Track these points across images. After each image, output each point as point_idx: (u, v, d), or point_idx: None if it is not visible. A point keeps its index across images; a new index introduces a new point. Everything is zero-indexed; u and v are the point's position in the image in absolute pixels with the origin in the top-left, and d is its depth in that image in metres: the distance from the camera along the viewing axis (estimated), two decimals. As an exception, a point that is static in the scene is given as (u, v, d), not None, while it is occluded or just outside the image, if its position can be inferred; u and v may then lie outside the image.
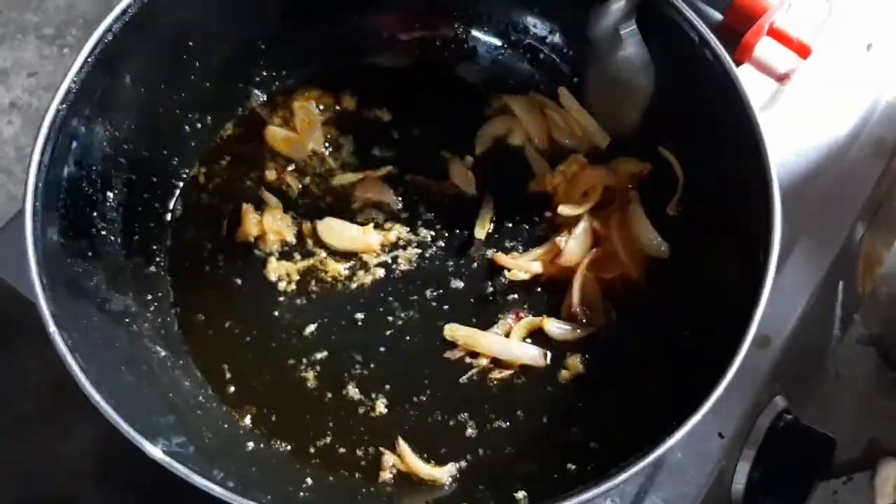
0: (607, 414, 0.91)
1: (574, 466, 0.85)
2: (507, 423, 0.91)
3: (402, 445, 0.88)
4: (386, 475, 0.87)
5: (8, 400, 1.47)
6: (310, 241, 0.99)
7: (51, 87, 1.82)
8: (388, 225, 1.00)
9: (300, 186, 1.03)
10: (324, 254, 0.99)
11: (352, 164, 1.05)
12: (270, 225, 0.99)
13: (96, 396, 0.73)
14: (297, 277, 0.98)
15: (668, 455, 0.93)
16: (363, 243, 0.99)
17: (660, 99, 0.99)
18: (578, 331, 0.95)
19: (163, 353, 0.91)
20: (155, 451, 0.72)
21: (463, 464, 0.89)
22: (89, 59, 0.86)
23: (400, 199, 1.02)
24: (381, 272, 0.98)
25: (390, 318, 0.96)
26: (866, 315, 1.58)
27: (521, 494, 0.81)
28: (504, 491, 0.84)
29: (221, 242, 0.99)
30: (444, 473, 0.88)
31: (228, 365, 0.93)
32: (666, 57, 0.96)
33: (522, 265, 0.97)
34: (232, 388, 0.92)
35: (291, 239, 0.99)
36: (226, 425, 0.89)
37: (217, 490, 0.70)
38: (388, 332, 0.95)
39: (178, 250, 0.98)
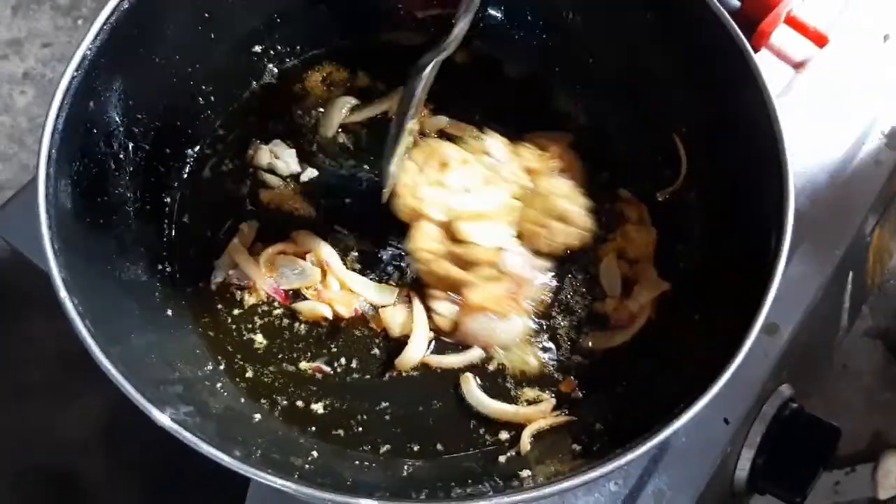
0: (613, 396, 0.91)
1: (579, 447, 0.85)
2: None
3: None
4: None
5: (14, 369, 1.48)
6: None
7: (65, 58, 1.82)
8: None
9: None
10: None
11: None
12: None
13: (106, 363, 0.73)
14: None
15: (672, 439, 0.94)
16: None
17: (676, 83, 0.98)
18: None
19: (172, 324, 0.91)
20: (163, 419, 0.72)
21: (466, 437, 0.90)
22: (105, 27, 0.86)
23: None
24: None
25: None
26: (875, 307, 1.58)
27: (525, 473, 0.81)
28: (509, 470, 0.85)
29: (231, 214, 0.99)
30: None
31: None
32: (684, 41, 0.96)
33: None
34: (239, 360, 0.92)
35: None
36: (233, 397, 0.89)
37: (225, 459, 0.70)
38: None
39: (189, 221, 0.99)
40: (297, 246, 0.97)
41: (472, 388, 0.91)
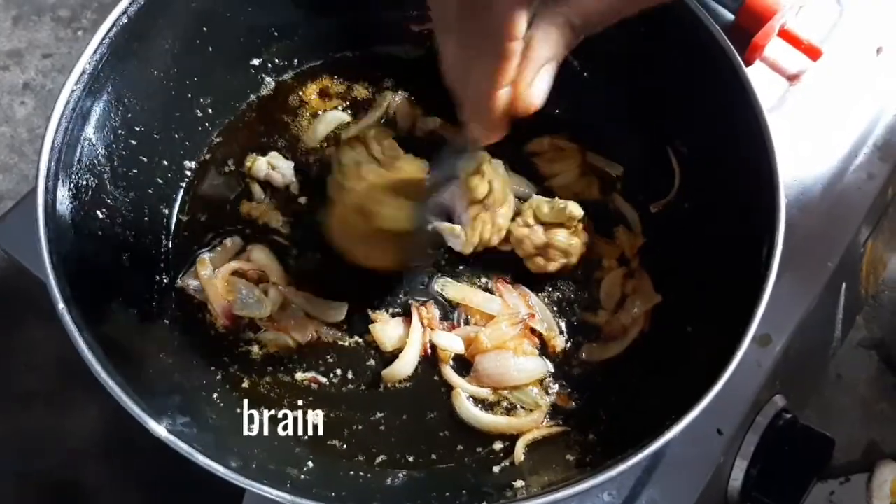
0: (607, 406, 0.92)
1: (573, 457, 0.86)
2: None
3: None
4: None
5: (14, 377, 1.49)
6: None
7: (65, 69, 1.82)
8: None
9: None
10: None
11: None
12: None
13: (103, 374, 0.74)
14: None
15: (666, 450, 0.94)
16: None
17: (670, 96, 0.99)
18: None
19: (169, 335, 0.92)
20: (159, 430, 0.72)
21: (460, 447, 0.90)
22: (104, 41, 0.88)
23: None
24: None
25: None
26: (869, 318, 1.58)
27: (519, 483, 0.82)
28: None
29: (226, 226, 1.00)
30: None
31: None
32: (677, 55, 0.96)
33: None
34: (236, 370, 0.93)
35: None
36: (229, 407, 0.89)
37: (220, 469, 0.71)
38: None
39: (187, 232, 0.99)
40: (251, 263, 0.97)
41: (463, 403, 0.92)
